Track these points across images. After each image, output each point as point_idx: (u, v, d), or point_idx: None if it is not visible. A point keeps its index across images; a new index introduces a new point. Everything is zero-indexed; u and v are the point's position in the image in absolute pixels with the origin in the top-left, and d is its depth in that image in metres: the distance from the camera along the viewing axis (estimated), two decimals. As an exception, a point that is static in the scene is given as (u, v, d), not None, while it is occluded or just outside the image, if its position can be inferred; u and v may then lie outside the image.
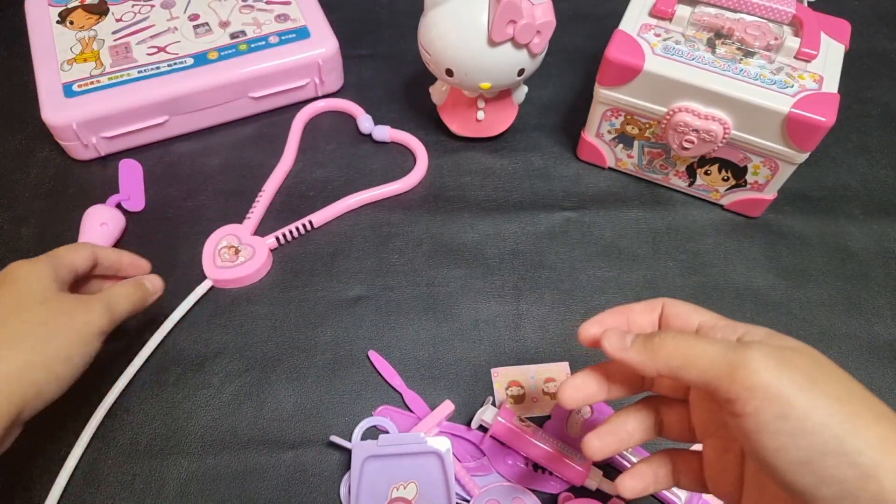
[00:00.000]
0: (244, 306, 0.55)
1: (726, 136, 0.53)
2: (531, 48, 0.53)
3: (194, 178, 0.62)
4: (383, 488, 0.45)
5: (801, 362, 0.30)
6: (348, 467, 0.46)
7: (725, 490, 0.35)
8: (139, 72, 0.61)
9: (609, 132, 0.60)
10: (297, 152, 0.64)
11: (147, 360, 0.51)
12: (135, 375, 0.51)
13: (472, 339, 0.54)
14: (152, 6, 0.66)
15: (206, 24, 0.65)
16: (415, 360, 0.52)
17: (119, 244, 0.58)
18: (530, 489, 0.46)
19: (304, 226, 0.58)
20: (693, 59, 0.52)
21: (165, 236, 0.58)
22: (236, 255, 0.55)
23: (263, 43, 0.63)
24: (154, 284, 0.49)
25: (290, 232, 0.58)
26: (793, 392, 0.28)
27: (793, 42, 0.52)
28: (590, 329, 0.36)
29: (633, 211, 0.61)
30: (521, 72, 0.55)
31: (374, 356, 0.52)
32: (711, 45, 0.53)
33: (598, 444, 0.36)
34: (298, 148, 0.64)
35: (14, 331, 0.36)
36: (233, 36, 0.64)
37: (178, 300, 0.54)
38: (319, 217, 0.59)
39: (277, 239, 0.58)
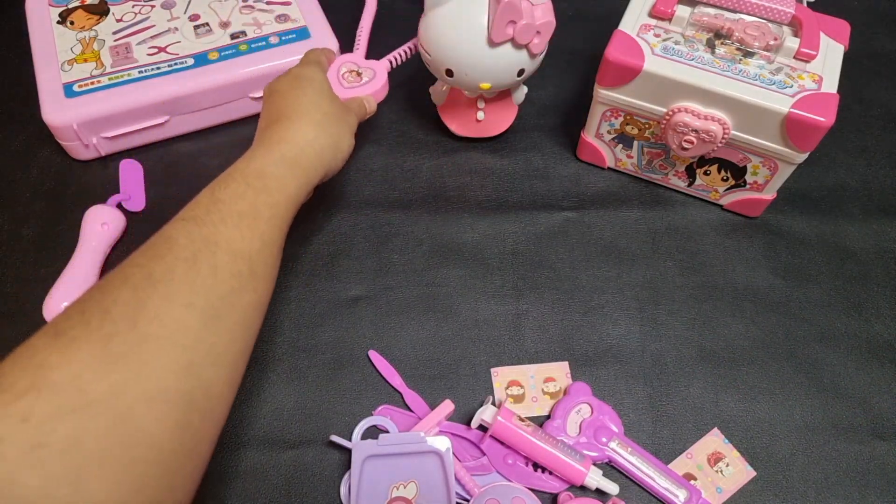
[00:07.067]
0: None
1: (725, 136, 0.53)
2: (531, 49, 0.53)
3: (195, 178, 0.62)
4: (383, 488, 0.46)
5: None
6: (348, 467, 0.47)
7: None
8: (140, 72, 0.61)
9: (608, 132, 0.60)
10: None
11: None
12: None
13: (472, 338, 0.54)
14: (153, 6, 0.66)
15: (207, 24, 0.65)
16: (415, 360, 0.53)
17: (119, 245, 0.58)
18: (530, 489, 0.46)
19: (409, 49, 0.61)
20: (692, 59, 0.52)
21: (166, 236, 0.58)
22: (359, 77, 0.58)
23: (264, 43, 0.64)
24: (371, 105, 0.58)
25: (400, 55, 0.61)
26: None
27: (792, 42, 0.52)
28: None
29: (633, 211, 0.61)
30: (520, 72, 0.55)
31: (374, 356, 0.52)
32: (711, 46, 0.53)
33: None
34: None
35: (320, 119, 0.47)
36: (233, 36, 0.64)
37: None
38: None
39: (390, 62, 0.60)
